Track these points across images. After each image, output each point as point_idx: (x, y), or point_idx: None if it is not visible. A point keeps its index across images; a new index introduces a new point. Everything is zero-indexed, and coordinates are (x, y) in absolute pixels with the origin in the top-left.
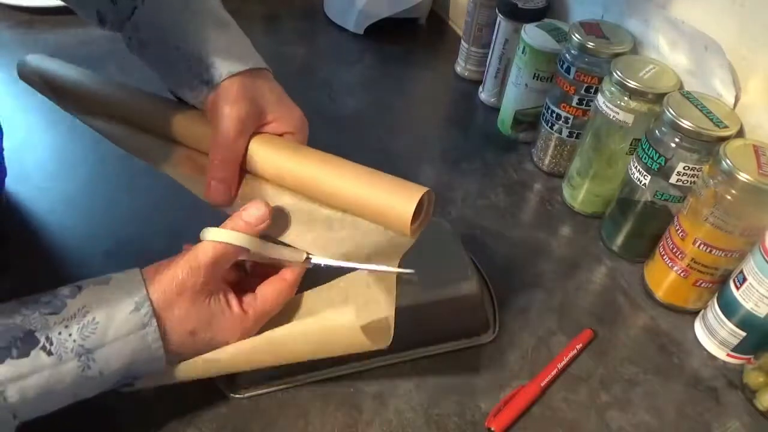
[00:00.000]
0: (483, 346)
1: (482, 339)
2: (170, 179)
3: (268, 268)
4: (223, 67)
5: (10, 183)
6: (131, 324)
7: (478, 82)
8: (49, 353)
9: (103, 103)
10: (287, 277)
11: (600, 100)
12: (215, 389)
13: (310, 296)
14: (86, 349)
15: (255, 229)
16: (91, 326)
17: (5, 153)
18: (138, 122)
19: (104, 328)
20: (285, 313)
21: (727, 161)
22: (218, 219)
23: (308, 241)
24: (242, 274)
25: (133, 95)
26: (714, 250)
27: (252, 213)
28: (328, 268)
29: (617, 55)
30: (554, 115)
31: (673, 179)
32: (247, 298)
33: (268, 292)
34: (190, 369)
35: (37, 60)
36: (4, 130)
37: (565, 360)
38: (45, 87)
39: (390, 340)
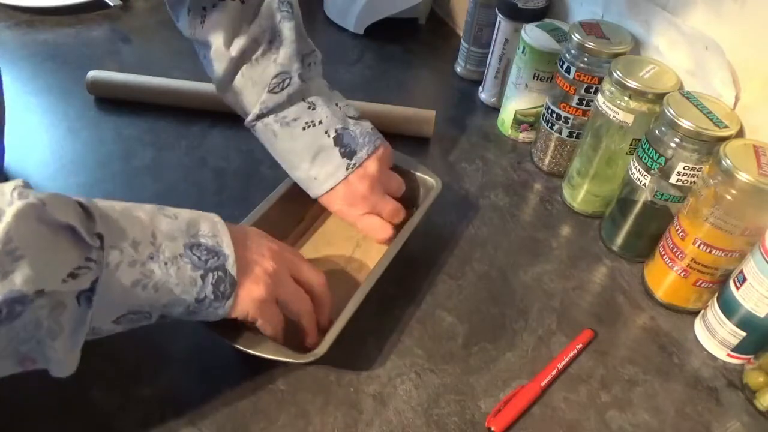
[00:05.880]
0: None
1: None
2: (170, 180)
3: None
4: (312, 192)
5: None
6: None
7: (478, 82)
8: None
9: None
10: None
11: (600, 100)
12: (215, 388)
13: None
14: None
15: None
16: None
17: (7, 135)
18: None
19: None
20: None
21: (727, 161)
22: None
23: None
24: None
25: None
26: (714, 250)
27: None
28: None
29: (617, 55)
30: (554, 115)
31: (673, 179)
32: None
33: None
34: None
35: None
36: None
37: (565, 360)
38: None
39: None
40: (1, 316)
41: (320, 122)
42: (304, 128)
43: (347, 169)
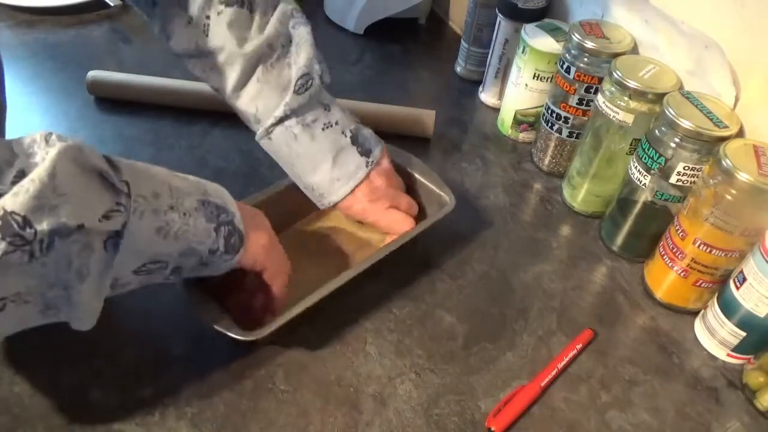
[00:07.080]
0: None
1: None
2: None
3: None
4: (330, 197)
5: None
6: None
7: (478, 82)
8: None
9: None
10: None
11: (600, 100)
12: (215, 388)
13: None
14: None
15: None
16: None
17: (7, 135)
18: None
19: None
20: None
21: (727, 161)
22: None
23: None
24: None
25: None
26: (714, 250)
27: None
28: None
29: (617, 55)
30: (554, 115)
31: (673, 179)
32: None
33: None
34: None
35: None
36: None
37: (565, 360)
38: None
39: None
40: (42, 246)
41: (336, 123)
42: (323, 129)
43: (367, 166)
